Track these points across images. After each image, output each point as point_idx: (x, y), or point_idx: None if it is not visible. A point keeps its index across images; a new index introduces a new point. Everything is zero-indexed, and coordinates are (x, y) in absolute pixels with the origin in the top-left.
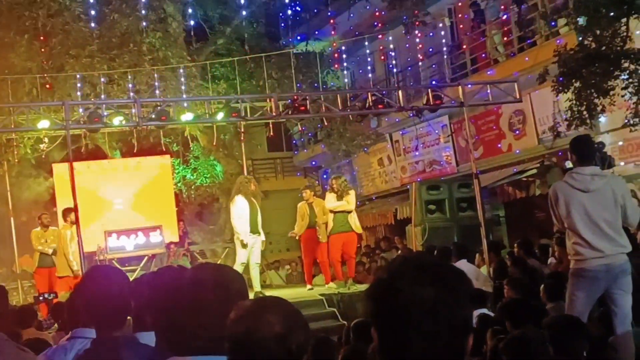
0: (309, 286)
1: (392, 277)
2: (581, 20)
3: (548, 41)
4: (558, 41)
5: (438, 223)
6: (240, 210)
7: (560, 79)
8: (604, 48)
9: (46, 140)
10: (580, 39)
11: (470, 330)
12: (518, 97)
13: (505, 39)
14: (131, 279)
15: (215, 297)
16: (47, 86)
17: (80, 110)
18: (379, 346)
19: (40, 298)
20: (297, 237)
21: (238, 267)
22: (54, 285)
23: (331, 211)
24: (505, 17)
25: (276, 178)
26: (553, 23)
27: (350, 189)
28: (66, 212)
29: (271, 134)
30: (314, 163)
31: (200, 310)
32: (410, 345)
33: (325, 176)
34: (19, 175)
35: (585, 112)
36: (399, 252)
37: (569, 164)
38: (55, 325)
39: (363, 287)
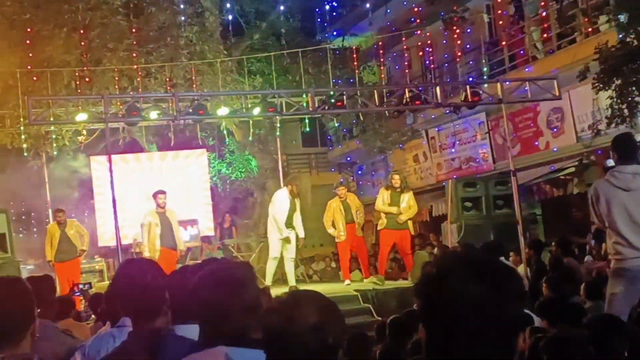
0: (347, 281)
1: (441, 273)
2: (622, 17)
3: (588, 38)
4: (598, 38)
5: (474, 220)
6: (281, 203)
7: (601, 76)
8: None
9: (84, 132)
10: (621, 36)
11: (520, 329)
12: (557, 94)
13: (544, 35)
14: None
15: (253, 290)
16: (87, 79)
17: (116, 102)
18: (427, 342)
19: (76, 289)
20: (342, 237)
21: (270, 262)
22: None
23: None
24: (544, 13)
25: (310, 173)
26: (594, 20)
27: (409, 189)
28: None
29: (306, 129)
30: (348, 159)
31: (245, 301)
32: (457, 342)
33: (359, 172)
34: (56, 167)
35: (625, 110)
36: (434, 249)
37: (610, 162)
38: (93, 316)
39: (397, 283)
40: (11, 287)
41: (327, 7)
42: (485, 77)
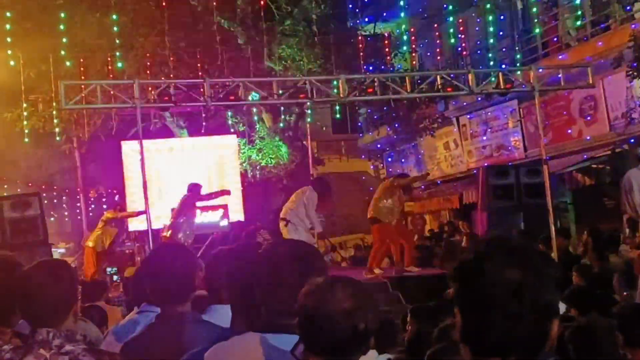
0: (378, 270)
1: (478, 258)
2: None
3: (622, 26)
4: (633, 26)
5: (505, 208)
6: (314, 203)
7: (635, 64)
8: None
9: (116, 117)
10: None
11: (556, 315)
12: (591, 82)
13: (578, 22)
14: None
15: (294, 272)
16: (119, 64)
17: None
18: (461, 327)
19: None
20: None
21: None
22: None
23: None
24: (578, 0)
25: (340, 160)
26: (628, 7)
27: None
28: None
29: (337, 115)
30: (378, 146)
31: (278, 285)
32: (493, 327)
33: (389, 159)
34: (88, 151)
35: None
36: (464, 236)
37: None
38: None
39: (426, 271)
40: (58, 270)
41: None
42: (518, 65)
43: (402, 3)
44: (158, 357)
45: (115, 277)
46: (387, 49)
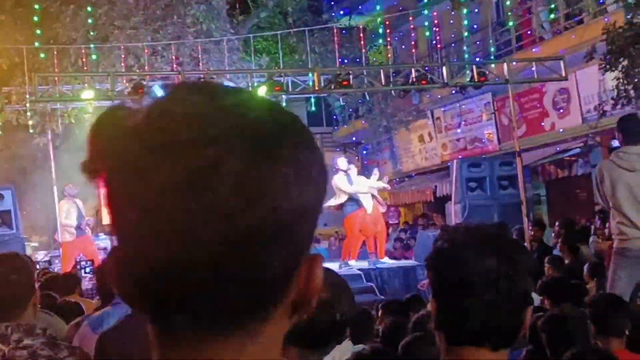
0: (352, 261)
1: (455, 247)
2: None
3: (595, 19)
4: (606, 19)
5: (478, 201)
6: None
7: (608, 57)
8: None
9: (90, 110)
10: (629, 16)
11: (530, 303)
12: (564, 75)
13: (552, 16)
14: None
15: None
16: (93, 57)
17: (122, 80)
18: (437, 316)
19: (78, 267)
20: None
21: None
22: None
23: None
24: None
25: None
26: (601, 1)
27: None
28: None
29: (312, 108)
30: (354, 139)
31: None
32: (468, 316)
33: (364, 152)
34: (62, 145)
35: (631, 91)
36: (438, 229)
37: (615, 143)
38: None
39: (401, 262)
40: (12, 262)
41: None
42: (492, 58)
43: None
44: (135, 347)
45: (88, 270)
46: (362, 42)
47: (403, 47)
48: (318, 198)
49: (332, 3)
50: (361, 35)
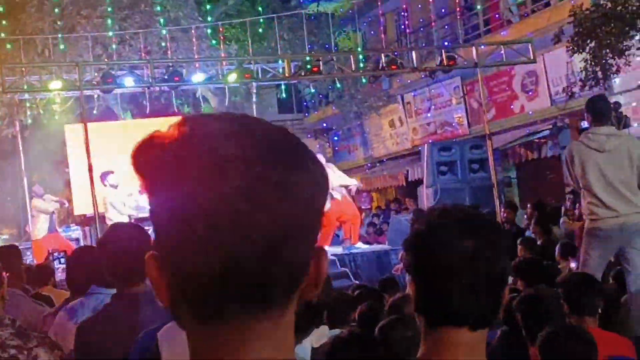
0: (326, 246)
1: (432, 229)
2: None
3: (562, 1)
4: (572, 1)
5: (449, 184)
6: None
7: (576, 39)
8: (619, 8)
9: (58, 101)
10: None
11: (507, 282)
12: (532, 57)
13: None
14: None
15: None
16: (60, 47)
17: (91, 70)
18: (416, 298)
19: (51, 258)
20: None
21: None
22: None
23: None
24: None
25: None
26: None
27: None
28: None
29: (282, 95)
30: (324, 125)
31: None
32: (447, 297)
33: (335, 138)
34: (30, 136)
35: (599, 73)
36: (410, 213)
37: (584, 124)
38: None
39: (374, 247)
40: None
41: None
42: (460, 42)
43: None
44: (114, 336)
45: (62, 261)
46: (330, 28)
47: (372, 32)
48: (325, 201)
49: None
50: (330, 21)
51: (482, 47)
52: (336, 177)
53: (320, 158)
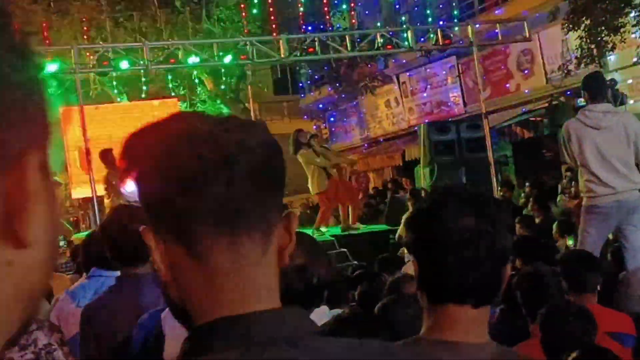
0: (324, 228)
1: (434, 207)
2: None
3: None
4: None
5: (446, 164)
6: None
7: (571, 16)
8: None
9: (54, 84)
10: None
11: (509, 260)
12: (528, 36)
13: None
14: None
15: None
16: (55, 30)
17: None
18: (418, 275)
19: None
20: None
21: None
22: None
23: None
24: None
25: (282, 121)
26: None
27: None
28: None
29: (278, 76)
30: (320, 106)
31: None
32: (449, 274)
33: (332, 119)
34: None
35: (594, 50)
36: (407, 193)
37: (581, 102)
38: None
39: (371, 227)
40: None
41: None
42: (455, 20)
43: None
44: (119, 318)
45: (62, 244)
46: (325, 8)
47: (367, 12)
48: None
49: None
50: (324, 1)
51: (477, 26)
52: (333, 156)
53: (310, 140)
